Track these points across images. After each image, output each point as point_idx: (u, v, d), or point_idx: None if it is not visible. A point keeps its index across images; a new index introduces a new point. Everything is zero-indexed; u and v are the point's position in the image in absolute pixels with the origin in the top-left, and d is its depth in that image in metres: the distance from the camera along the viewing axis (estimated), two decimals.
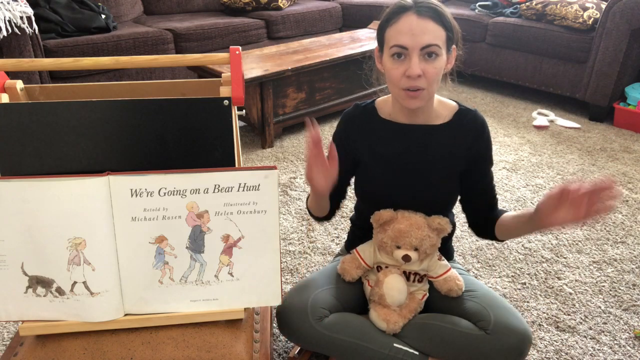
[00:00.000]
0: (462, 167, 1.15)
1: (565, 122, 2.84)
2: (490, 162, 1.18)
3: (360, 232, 1.24)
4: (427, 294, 1.20)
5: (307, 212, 1.34)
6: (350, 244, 1.31)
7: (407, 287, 1.16)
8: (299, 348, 1.28)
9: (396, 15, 1.03)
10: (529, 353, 1.30)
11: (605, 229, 1.88)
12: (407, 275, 1.17)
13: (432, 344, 1.11)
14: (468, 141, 1.13)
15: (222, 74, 1.01)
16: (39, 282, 0.92)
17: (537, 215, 0.97)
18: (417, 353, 1.11)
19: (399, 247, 1.13)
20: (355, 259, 1.20)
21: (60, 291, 0.93)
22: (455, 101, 1.18)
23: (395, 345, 1.11)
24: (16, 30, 2.23)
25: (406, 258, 1.12)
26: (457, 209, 1.23)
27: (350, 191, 1.26)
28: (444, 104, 1.16)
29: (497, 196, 1.22)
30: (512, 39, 3.05)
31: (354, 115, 1.19)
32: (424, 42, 1.01)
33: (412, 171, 1.15)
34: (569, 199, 0.87)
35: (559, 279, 1.61)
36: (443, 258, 1.19)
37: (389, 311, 1.13)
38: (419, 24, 1.01)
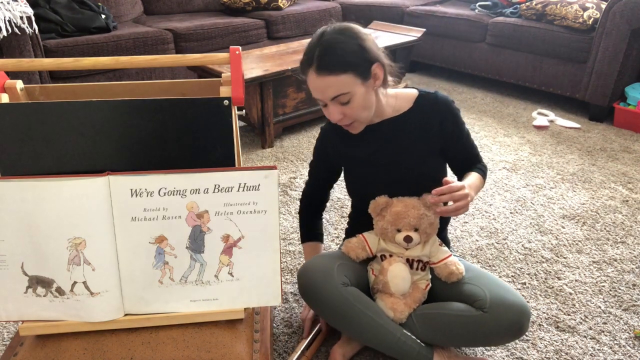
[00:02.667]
0: (439, 145, 1.20)
1: (565, 122, 2.84)
2: (463, 134, 1.23)
3: (357, 228, 1.27)
4: (430, 284, 1.22)
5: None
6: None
7: (411, 275, 1.18)
8: (299, 353, 1.23)
9: (304, 71, 1.10)
10: (529, 353, 1.30)
11: (605, 229, 1.88)
12: (410, 263, 1.19)
13: (435, 333, 1.13)
14: (434, 123, 1.18)
15: (222, 74, 1.01)
16: (39, 282, 0.92)
17: None
18: (423, 344, 1.14)
19: (399, 231, 1.16)
20: (360, 241, 1.23)
21: (60, 291, 0.93)
22: (417, 88, 1.22)
23: (404, 331, 1.14)
24: (16, 30, 2.23)
25: (408, 239, 1.15)
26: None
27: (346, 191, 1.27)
28: (402, 96, 1.21)
29: (479, 154, 1.29)
30: (512, 39, 3.05)
31: (327, 130, 1.28)
32: (331, 95, 1.07)
33: (392, 162, 1.20)
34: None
35: (559, 279, 1.61)
36: (444, 245, 1.23)
37: (396, 300, 1.15)
38: (320, 83, 1.07)
